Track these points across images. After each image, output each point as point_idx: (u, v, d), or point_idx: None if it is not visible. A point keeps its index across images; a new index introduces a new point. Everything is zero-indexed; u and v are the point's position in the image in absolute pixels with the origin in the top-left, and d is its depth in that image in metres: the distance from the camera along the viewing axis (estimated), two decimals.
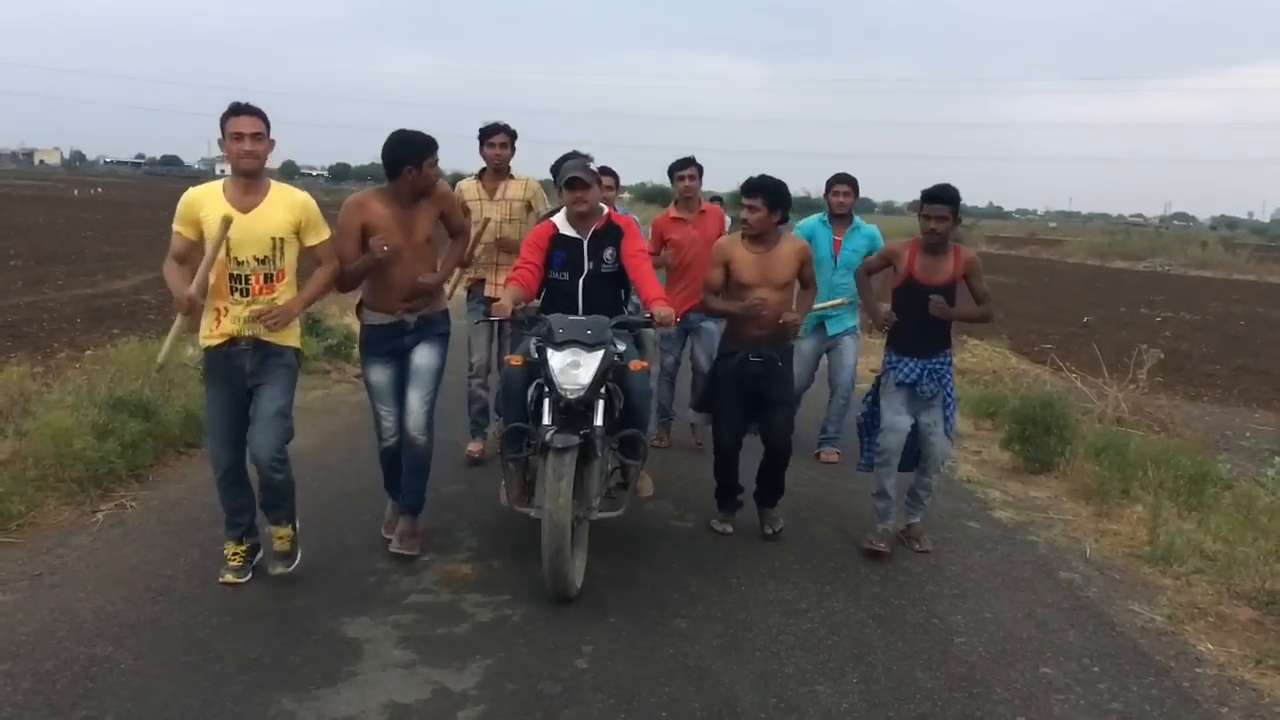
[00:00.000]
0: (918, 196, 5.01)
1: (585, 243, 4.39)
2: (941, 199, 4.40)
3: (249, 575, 3.93)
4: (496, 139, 5.57)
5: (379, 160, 4.06)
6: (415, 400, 4.17)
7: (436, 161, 4.05)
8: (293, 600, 3.78)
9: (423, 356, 4.19)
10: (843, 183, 6.04)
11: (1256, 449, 7.48)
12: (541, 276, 4.38)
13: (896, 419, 4.52)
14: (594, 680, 3.25)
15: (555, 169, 4.83)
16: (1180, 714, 3.28)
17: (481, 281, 5.68)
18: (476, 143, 5.66)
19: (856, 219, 6.11)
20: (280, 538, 3.99)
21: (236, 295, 3.71)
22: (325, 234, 3.88)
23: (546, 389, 3.94)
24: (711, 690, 3.25)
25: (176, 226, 3.72)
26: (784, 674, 3.39)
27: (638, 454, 4.20)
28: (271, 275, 3.74)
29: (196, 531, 4.42)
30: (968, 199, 4.61)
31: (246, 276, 3.71)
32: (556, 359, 3.89)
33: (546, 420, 3.90)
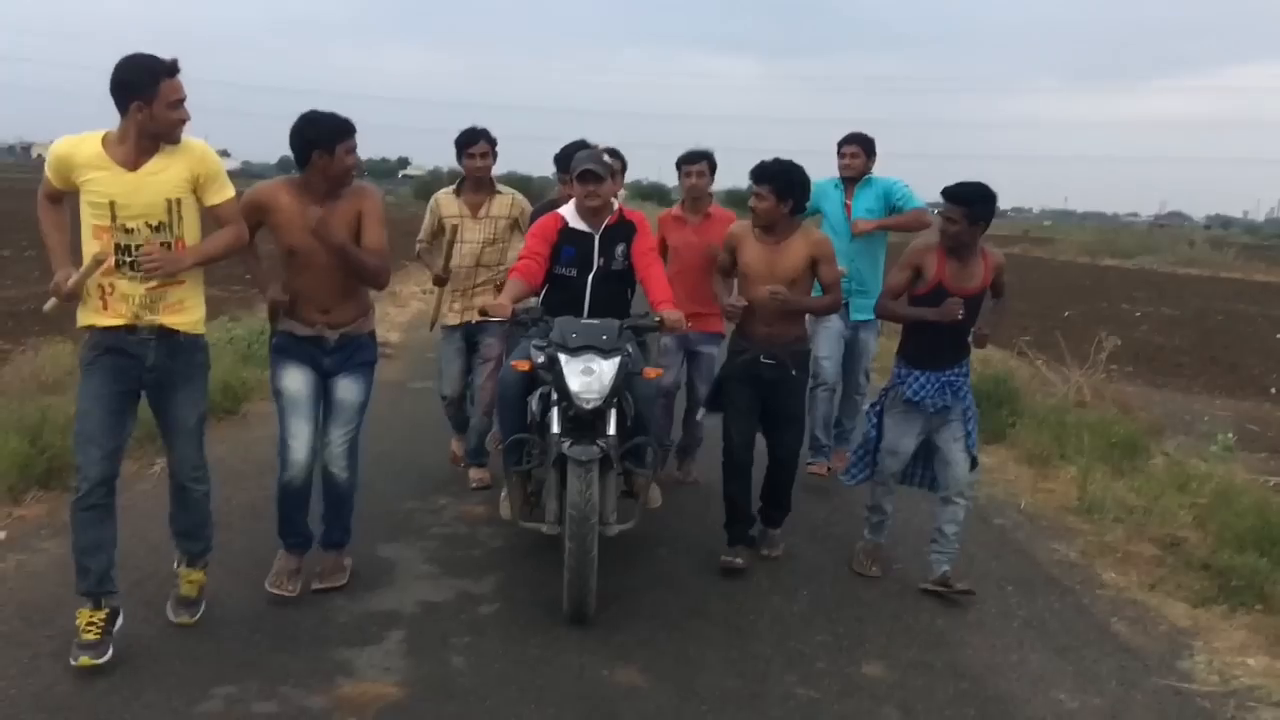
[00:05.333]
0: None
1: (597, 238, 4.16)
2: (954, 197, 3.92)
3: (109, 653, 3.13)
4: (477, 149, 4.93)
5: (374, 156, 3.80)
6: (336, 436, 3.73)
7: (353, 148, 3.52)
8: None
9: (346, 390, 3.71)
10: (851, 143, 5.33)
11: (1211, 432, 8.12)
12: (547, 269, 4.16)
13: (900, 441, 4.14)
14: None
15: (560, 158, 4.87)
16: (1075, 621, 3.98)
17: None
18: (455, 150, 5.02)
19: (872, 176, 5.38)
20: (190, 581, 3.47)
21: (126, 270, 3.11)
22: (229, 192, 3.28)
23: (556, 397, 3.71)
24: (687, 598, 3.97)
25: (47, 172, 3.15)
26: (746, 589, 4.10)
27: (645, 463, 3.97)
28: (169, 245, 3.14)
29: (244, 479, 5.07)
30: None
31: (138, 247, 3.09)
32: (571, 366, 3.62)
33: (555, 430, 3.68)
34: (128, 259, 3.10)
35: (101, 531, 3.20)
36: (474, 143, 4.94)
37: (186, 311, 3.25)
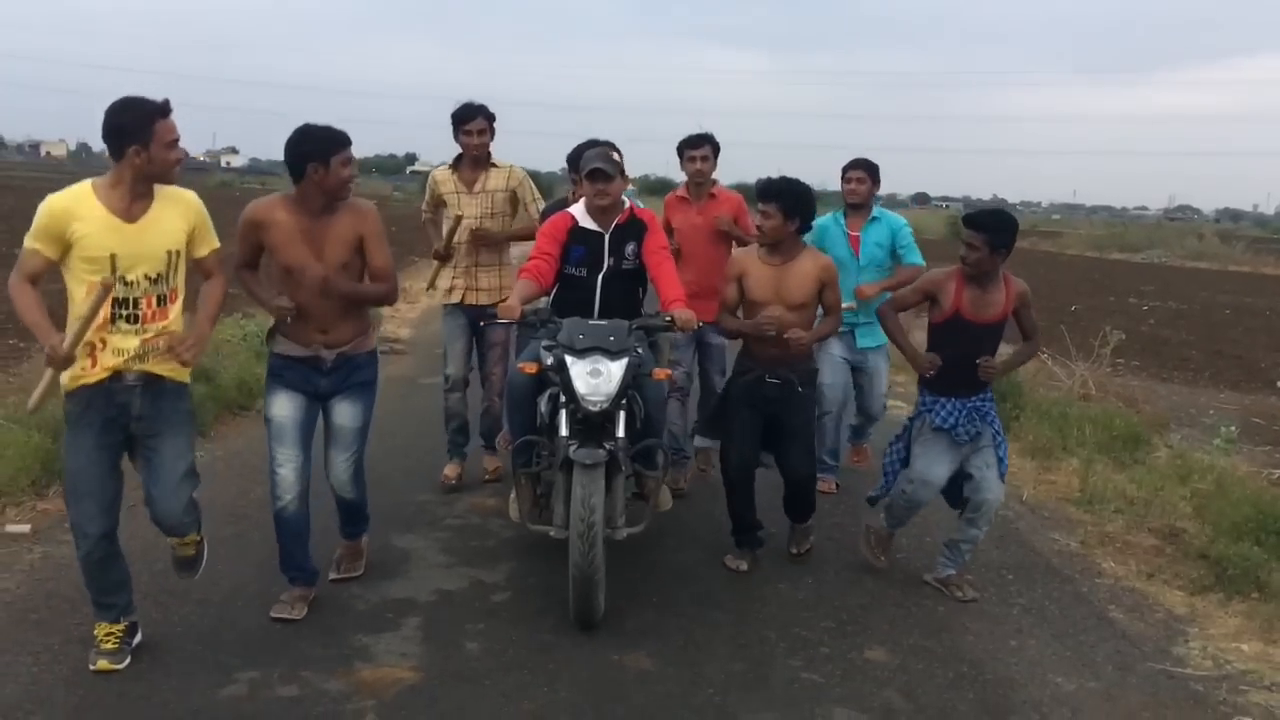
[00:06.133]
0: (921, 190, 5.20)
1: (607, 237, 4.12)
2: (974, 224, 3.89)
3: (127, 659, 3.22)
4: (473, 125, 4.83)
5: (382, 152, 3.67)
6: (339, 461, 3.67)
7: (349, 160, 3.44)
8: None
9: (345, 414, 3.62)
10: (857, 169, 5.22)
11: (1215, 425, 8.18)
12: (557, 269, 4.12)
13: (932, 471, 4.04)
14: None
15: (573, 158, 4.79)
16: (1073, 608, 4.08)
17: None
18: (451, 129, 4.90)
19: (876, 209, 5.31)
20: (186, 543, 3.43)
21: (123, 324, 3.03)
22: (216, 242, 3.27)
23: (564, 399, 3.69)
24: (694, 587, 4.08)
25: (35, 244, 2.98)
26: (751, 578, 4.21)
27: (655, 465, 3.95)
28: (164, 296, 3.10)
29: (259, 473, 5.10)
30: (971, 192, 4.14)
31: (136, 300, 3.04)
32: (578, 368, 3.59)
33: (564, 432, 3.65)
34: (124, 312, 3.03)
35: (113, 574, 3.24)
36: (471, 119, 4.83)
37: (174, 359, 3.16)
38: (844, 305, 4.49)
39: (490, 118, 4.89)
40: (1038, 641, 3.74)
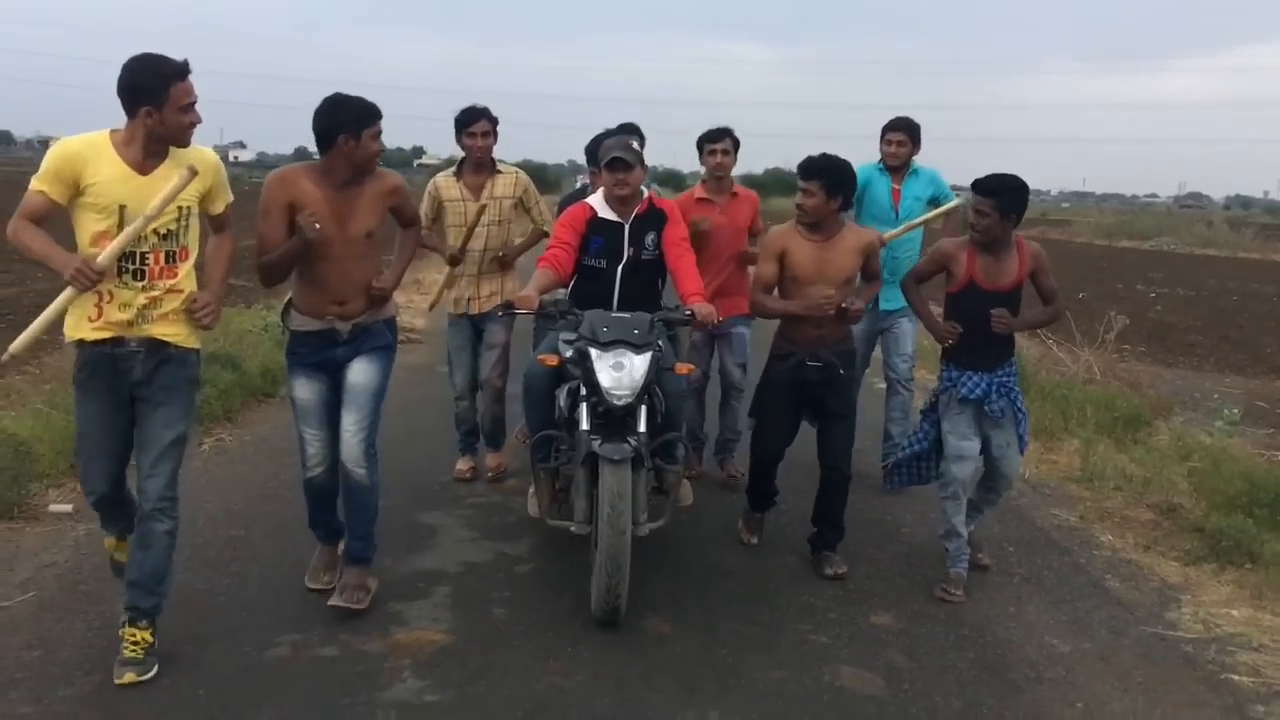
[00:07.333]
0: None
1: (626, 227, 4.10)
2: (983, 189, 3.83)
3: (154, 669, 3.14)
4: (478, 127, 4.79)
5: (390, 146, 3.51)
6: (349, 426, 3.50)
7: (379, 133, 3.41)
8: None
9: (358, 374, 3.53)
10: (897, 130, 5.15)
11: (1219, 408, 8.31)
12: (576, 258, 4.10)
13: (964, 444, 3.98)
14: None
15: (591, 149, 4.84)
16: (1071, 577, 4.26)
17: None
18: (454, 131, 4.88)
19: (915, 164, 5.28)
20: (134, 643, 3.11)
21: (128, 279, 2.97)
22: (230, 196, 3.25)
23: (585, 392, 3.65)
24: (708, 558, 4.29)
25: (41, 185, 2.90)
26: (762, 550, 4.42)
27: (675, 459, 3.91)
28: (174, 253, 3.04)
29: (288, 457, 5.35)
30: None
31: (144, 255, 2.98)
32: (602, 361, 3.55)
33: (585, 426, 3.61)
34: (131, 267, 2.98)
35: (121, 517, 3.35)
36: (474, 121, 4.79)
37: (180, 323, 3.10)
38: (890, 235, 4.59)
39: (494, 120, 4.85)
40: (1036, 608, 3.92)
